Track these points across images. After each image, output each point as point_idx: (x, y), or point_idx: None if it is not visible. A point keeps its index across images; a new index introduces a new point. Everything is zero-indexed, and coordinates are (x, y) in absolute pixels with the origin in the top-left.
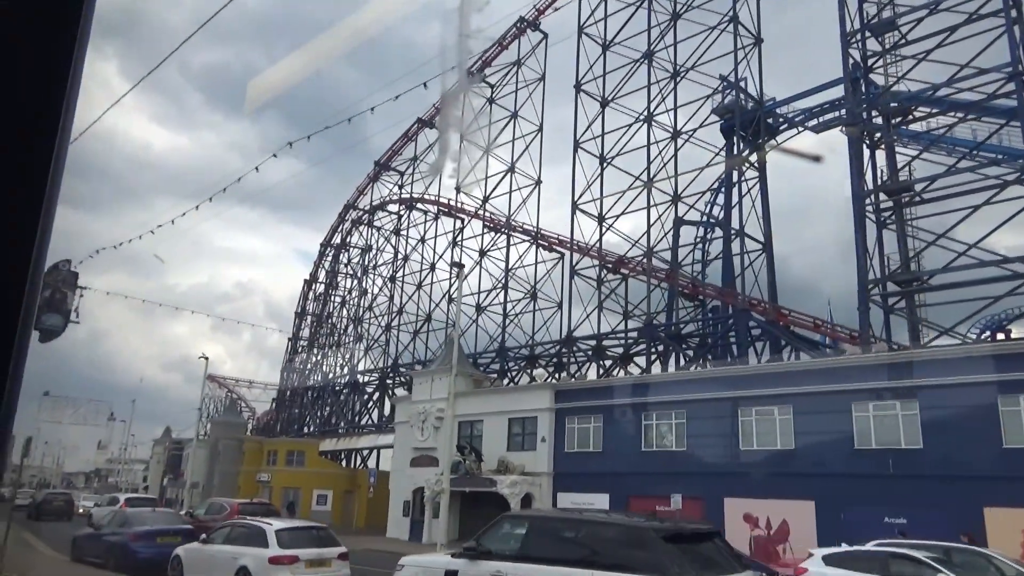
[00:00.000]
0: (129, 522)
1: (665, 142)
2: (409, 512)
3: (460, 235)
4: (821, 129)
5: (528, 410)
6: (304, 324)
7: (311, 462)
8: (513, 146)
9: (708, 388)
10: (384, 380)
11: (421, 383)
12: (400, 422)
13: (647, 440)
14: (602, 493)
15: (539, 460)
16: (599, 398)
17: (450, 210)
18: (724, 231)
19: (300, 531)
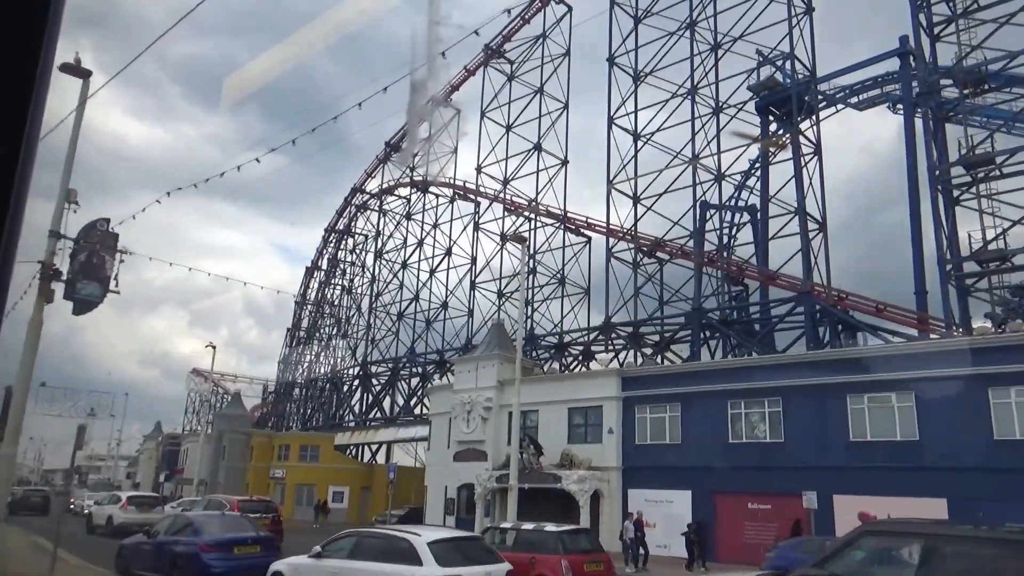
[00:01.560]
0: (197, 528)
1: (708, 117)
2: (455, 510)
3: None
4: (866, 106)
5: (592, 399)
6: (304, 313)
7: (326, 457)
8: (540, 123)
9: (808, 373)
10: (396, 371)
11: (464, 371)
12: (438, 413)
13: (735, 431)
14: (682, 489)
15: (606, 453)
16: (675, 385)
17: (466, 193)
18: (761, 214)
19: (456, 543)
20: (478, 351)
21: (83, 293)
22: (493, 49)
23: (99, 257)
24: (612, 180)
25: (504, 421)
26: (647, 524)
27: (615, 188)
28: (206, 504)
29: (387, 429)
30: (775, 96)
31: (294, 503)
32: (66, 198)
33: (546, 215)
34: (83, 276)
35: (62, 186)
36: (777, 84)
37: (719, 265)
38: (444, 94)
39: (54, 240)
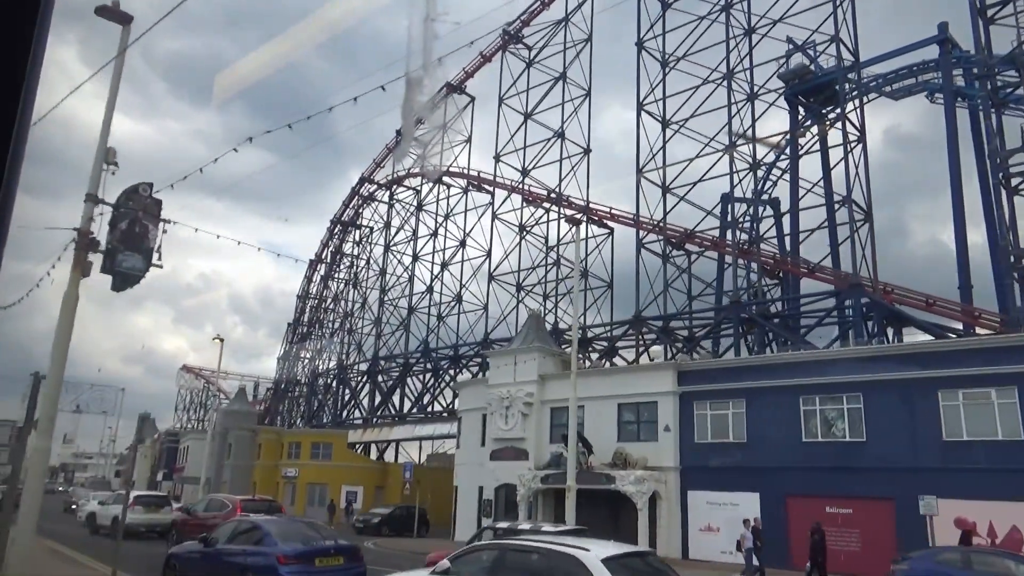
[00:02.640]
0: (269, 536)
1: (743, 104)
2: (492, 512)
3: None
4: (902, 95)
5: (645, 394)
6: (306, 308)
7: (339, 455)
8: (563, 110)
9: (893, 367)
10: (408, 366)
11: (500, 365)
12: (469, 409)
13: (809, 429)
14: (748, 492)
15: (662, 452)
16: (739, 379)
17: (480, 183)
18: (791, 206)
19: (628, 560)
20: (514, 344)
21: (124, 266)
22: (511, 34)
23: (141, 226)
24: (642, 168)
25: (546, 417)
26: (710, 528)
27: (645, 177)
28: (207, 504)
29: (402, 427)
30: (806, 84)
31: (306, 503)
32: (104, 158)
33: (567, 205)
34: (124, 247)
35: (99, 145)
36: (808, 72)
37: (755, 258)
38: (441, 94)
39: (91, 205)
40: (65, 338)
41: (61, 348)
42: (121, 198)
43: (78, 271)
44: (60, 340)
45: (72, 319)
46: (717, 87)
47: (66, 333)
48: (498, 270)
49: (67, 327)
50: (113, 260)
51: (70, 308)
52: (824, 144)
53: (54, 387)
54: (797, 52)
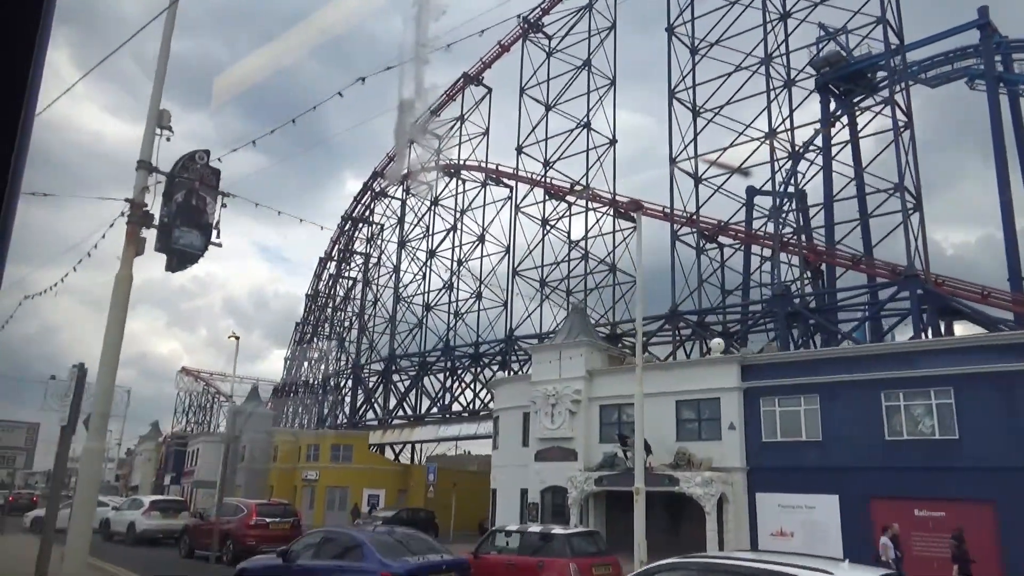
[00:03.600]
0: (368, 549)
1: (779, 90)
2: (538, 516)
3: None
4: (940, 82)
5: (705, 390)
6: (314, 307)
7: (360, 457)
8: (588, 99)
9: (989, 358)
10: (424, 364)
11: (544, 361)
12: (507, 407)
13: (892, 426)
14: (826, 494)
15: (727, 452)
16: (811, 373)
17: (499, 176)
18: (825, 197)
19: None
20: (558, 338)
21: (181, 243)
22: (531, 23)
23: (199, 198)
24: (675, 159)
25: (595, 416)
26: (783, 533)
27: (678, 167)
28: (221, 509)
29: (424, 427)
30: (838, 72)
31: (325, 506)
32: (157, 121)
33: (593, 198)
34: (180, 221)
35: (152, 106)
36: (841, 60)
37: (797, 250)
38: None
39: (144, 173)
40: (119, 324)
41: (115, 335)
42: (177, 167)
43: (132, 248)
44: (113, 326)
45: (126, 302)
46: (753, 74)
47: (120, 318)
48: (521, 265)
49: (121, 311)
50: (169, 236)
51: (124, 290)
52: (854, 133)
53: (108, 379)
54: (829, 40)
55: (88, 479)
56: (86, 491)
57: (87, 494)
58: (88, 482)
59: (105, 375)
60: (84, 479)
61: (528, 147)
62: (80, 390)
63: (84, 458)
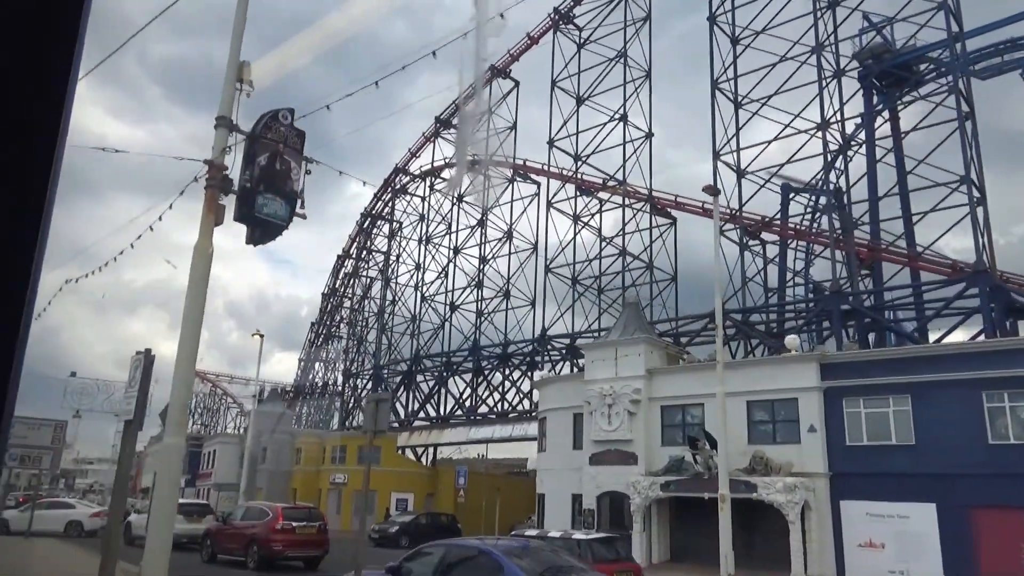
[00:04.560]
0: (506, 568)
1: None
2: (594, 523)
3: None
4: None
5: (781, 390)
6: (330, 305)
7: (388, 459)
8: (624, 91)
9: None
10: (450, 365)
11: (598, 359)
12: (556, 409)
13: (996, 429)
14: (921, 502)
15: (807, 456)
16: (900, 372)
17: (527, 172)
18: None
19: None
20: (613, 335)
21: (265, 212)
22: (562, 13)
23: (283, 162)
24: (719, 152)
25: (655, 417)
26: (872, 544)
27: (721, 160)
28: (244, 512)
29: (456, 429)
30: (885, 64)
31: (352, 511)
32: (237, 74)
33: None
34: (264, 187)
35: (231, 57)
36: (886, 51)
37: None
38: (503, 63)
39: (224, 131)
40: (198, 303)
41: (194, 315)
42: (259, 126)
43: (211, 216)
44: (192, 305)
45: (206, 277)
46: (801, 65)
47: (199, 296)
48: (553, 262)
49: (200, 289)
50: (251, 204)
51: (203, 264)
52: (896, 128)
53: (187, 366)
54: (876, 32)
55: (168, 482)
56: (166, 496)
57: (166, 500)
58: (168, 486)
59: (184, 361)
60: (163, 482)
61: (559, 140)
62: (147, 379)
63: (163, 457)
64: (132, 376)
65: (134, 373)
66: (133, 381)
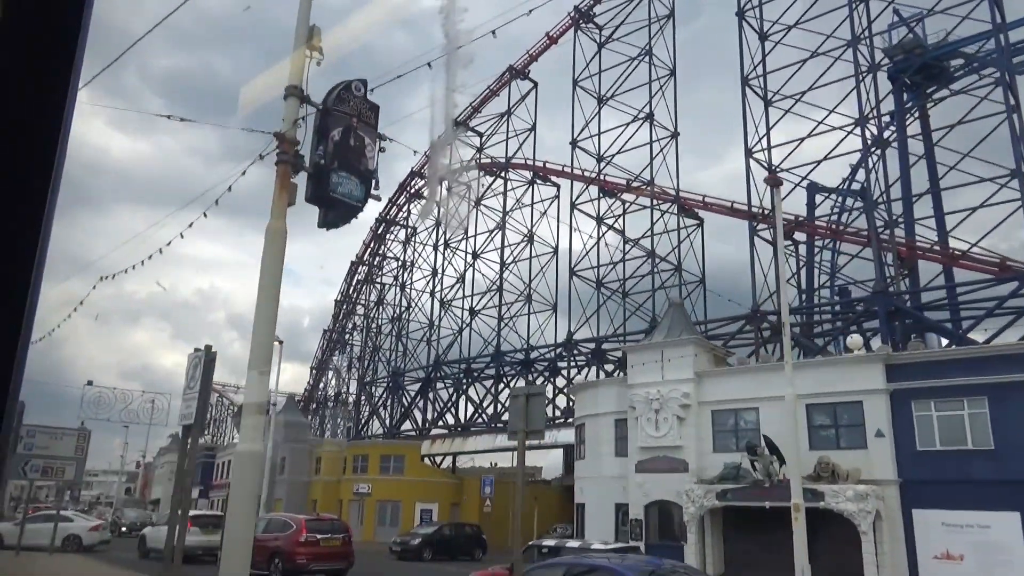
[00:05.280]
0: None
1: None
2: (642, 534)
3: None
4: None
5: (844, 392)
6: (343, 312)
7: (412, 469)
8: (650, 89)
9: None
10: (470, 371)
11: (642, 362)
12: (594, 414)
13: None
14: (1003, 511)
15: (875, 462)
16: (976, 372)
17: (547, 174)
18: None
19: None
20: (657, 337)
21: (340, 191)
22: (582, 12)
23: (357, 138)
24: (750, 149)
25: (706, 421)
26: (949, 556)
27: (753, 158)
28: (267, 523)
29: (481, 437)
30: (913, 60)
31: (375, 522)
32: (306, 38)
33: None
34: (338, 165)
35: (300, 22)
36: (918, 46)
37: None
38: (523, 63)
39: (295, 102)
40: (273, 294)
41: (268, 308)
42: (331, 97)
43: (284, 194)
44: (266, 298)
45: (280, 263)
46: (836, 60)
47: (273, 287)
48: (577, 266)
49: (274, 277)
50: (325, 183)
51: (277, 249)
52: (926, 125)
53: (263, 361)
54: (908, 28)
55: (245, 494)
56: (244, 512)
57: (244, 516)
58: (245, 497)
59: (259, 359)
60: (240, 493)
61: (581, 141)
62: (208, 379)
63: (239, 464)
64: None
65: (192, 372)
66: (192, 381)
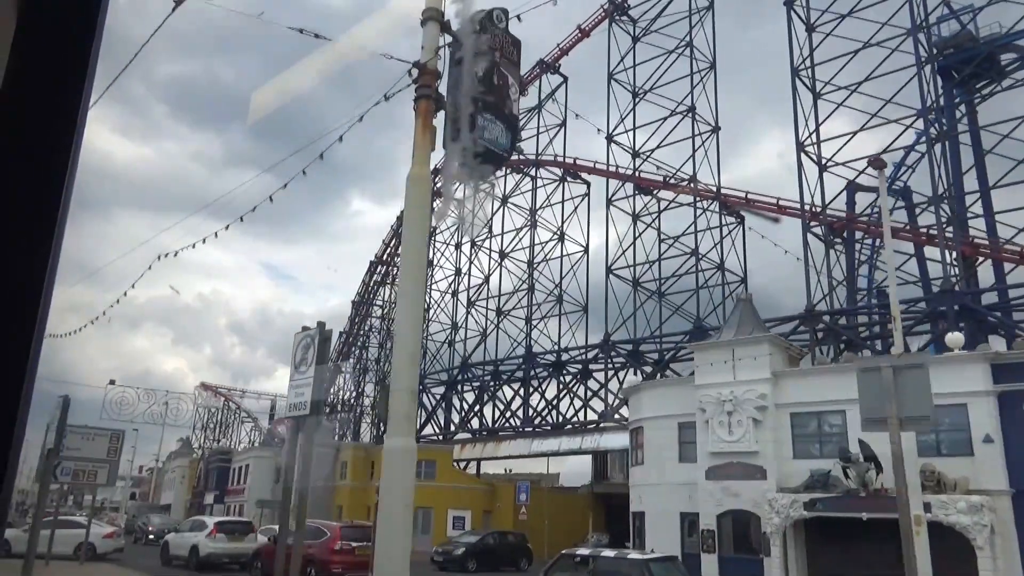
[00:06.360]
0: None
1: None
2: (714, 546)
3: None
4: None
5: (944, 394)
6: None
7: (443, 474)
8: (691, 81)
9: None
10: (497, 374)
11: (710, 362)
12: (653, 417)
13: None
14: None
15: (983, 471)
16: None
17: (577, 171)
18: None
19: None
20: (727, 334)
21: (487, 136)
22: (616, 4)
23: (501, 76)
24: (802, 143)
25: (785, 425)
26: None
27: (805, 153)
28: None
29: (515, 441)
30: (962, 55)
31: None
32: None
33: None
34: (482, 105)
35: None
36: (969, 39)
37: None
38: (553, 57)
39: (434, 28)
40: (419, 250)
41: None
42: (469, 24)
43: (426, 134)
44: (412, 257)
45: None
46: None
47: (419, 242)
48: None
49: (420, 231)
50: (469, 126)
51: (421, 196)
52: (973, 121)
53: (411, 340)
54: (951, 18)
55: (399, 496)
56: (398, 515)
57: (399, 520)
58: (399, 500)
59: (407, 329)
60: (393, 497)
61: (617, 136)
62: (324, 359)
63: (390, 462)
64: (298, 359)
65: (303, 355)
66: (302, 364)
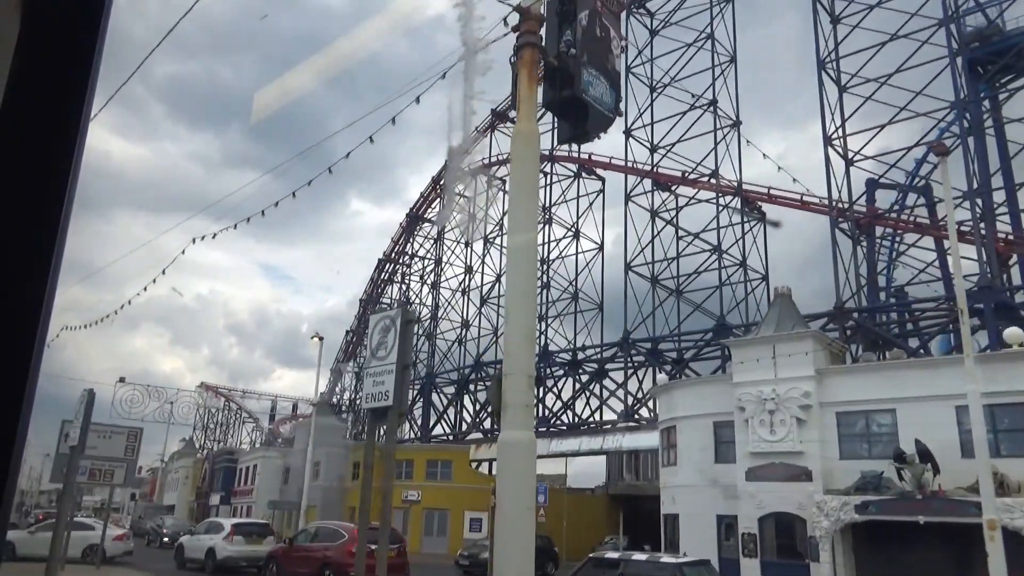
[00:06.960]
0: None
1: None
2: (756, 550)
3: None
4: None
5: (1004, 392)
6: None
7: (460, 475)
8: (713, 74)
9: None
10: None
11: (750, 358)
12: (686, 416)
13: None
14: None
15: None
16: None
17: (592, 166)
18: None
19: None
20: (766, 330)
21: (592, 93)
22: None
23: (603, 27)
24: (829, 137)
25: (831, 424)
26: None
27: (832, 147)
28: (315, 532)
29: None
30: (990, 48)
31: (422, 532)
32: None
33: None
34: (588, 59)
35: None
36: (997, 33)
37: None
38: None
39: None
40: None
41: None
42: None
43: (532, 87)
44: (523, 214)
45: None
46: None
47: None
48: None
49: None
50: (572, 82)
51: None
52: (997, 117)
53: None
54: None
55: (517, 495)
56: (518, 515)
57: (520, 520)
58: (518, 499)
59: (519, 306)
60: (511, 496)
61: (635, 130)
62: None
63: (506, 458)
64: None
65: (381, 338)
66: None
